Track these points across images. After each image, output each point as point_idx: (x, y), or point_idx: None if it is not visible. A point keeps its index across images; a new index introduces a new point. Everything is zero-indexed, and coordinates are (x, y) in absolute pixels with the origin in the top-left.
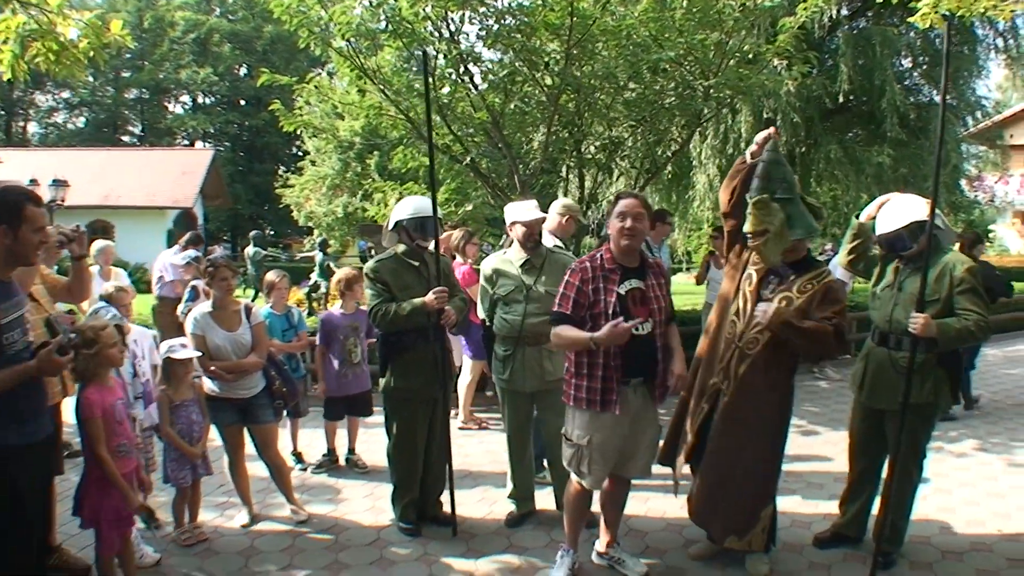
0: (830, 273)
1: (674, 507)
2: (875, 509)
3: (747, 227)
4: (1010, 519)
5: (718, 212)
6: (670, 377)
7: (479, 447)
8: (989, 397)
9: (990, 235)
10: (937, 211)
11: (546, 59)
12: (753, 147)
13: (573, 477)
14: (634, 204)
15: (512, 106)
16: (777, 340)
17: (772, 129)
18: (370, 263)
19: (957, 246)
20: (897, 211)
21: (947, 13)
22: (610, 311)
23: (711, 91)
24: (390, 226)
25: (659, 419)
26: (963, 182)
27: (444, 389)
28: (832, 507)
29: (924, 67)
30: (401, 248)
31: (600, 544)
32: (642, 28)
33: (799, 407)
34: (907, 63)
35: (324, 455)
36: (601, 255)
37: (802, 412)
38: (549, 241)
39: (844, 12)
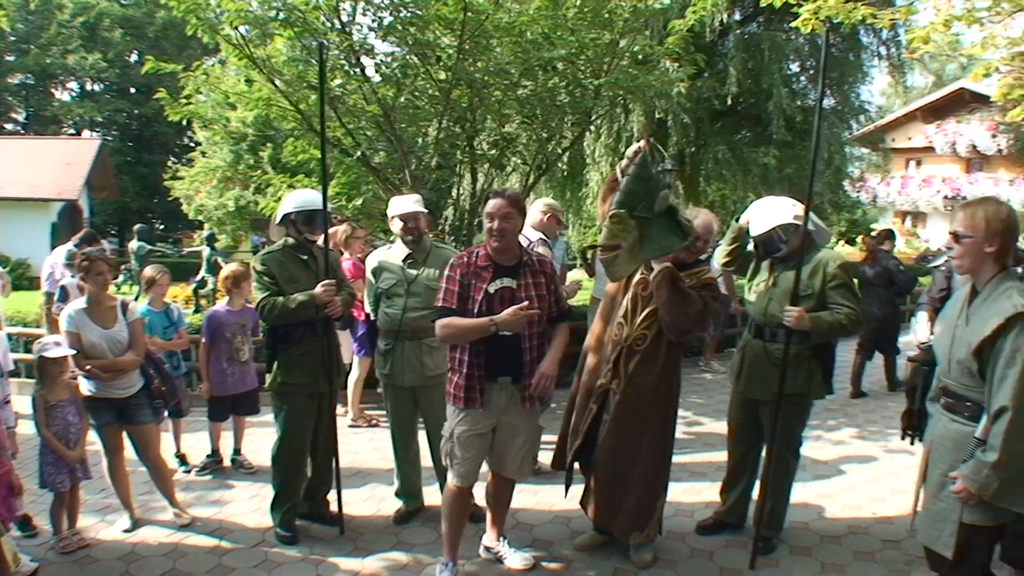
0: (710, 270)
1: (562, 499)
2: (755, 496)
3: (601, 239)
4: (885, 503)
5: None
6: (537, 377)
7: (368, 444)
8: (868, 386)
9: (872, 233)
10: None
11: (439, 53)
12: (624, 161)
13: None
14: (501, 204)
15: (403, 99)
16: (661, 334)
17: (643, 142)
18: (257, 256)
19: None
20: (768, 213)
21: (827, 19)
22: (475, 309)
23: (602, 90)
24: (278, 219)
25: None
26: (847, 183)
27: (331, 384)
28: (715, 495)
29: (811, 71)
30: (290, 241)
31: (487, 538)
32: (535, 25)
33: (685, 399)
34: (795, 67)
35: (208, 456)
36: (478, 252)
37: (688, 404)
38: (534, 236)
39: (736, 17)
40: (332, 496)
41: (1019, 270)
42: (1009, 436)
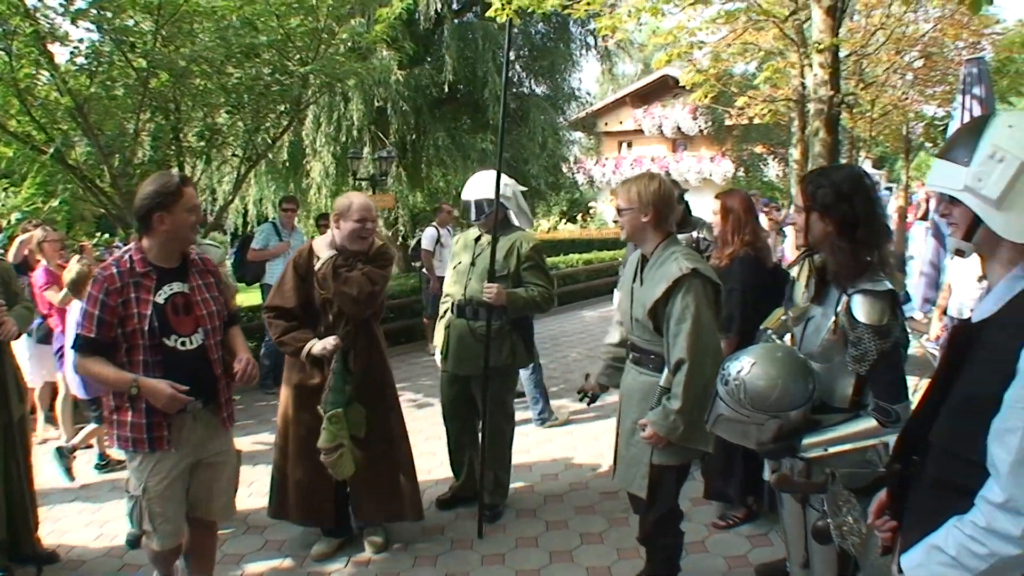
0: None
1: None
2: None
3: (321, 442)
4: (603, 458)
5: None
6: (237, 364)
7: (88, 465)
8: (587, 352)
9: (591, 211)
10: (517, 194)
11: (133, 40)
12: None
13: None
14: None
15: (95, 89)
16: (360, 322)
17: (335, 340)
18: None
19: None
20: (475, 185)
21: (519, 9)
22: (146, 327)
23: (311, 77)
24: None
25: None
26: (564, 165)
27: (8, 412)
28: (447, 472)
29: (525, 59)
30: None
31: None
32: (239, 11)
33: (416, 382)
34: (511, 55)
35: None
36: (131, 255)
37: (419, 386)
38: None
39: (455, 7)
40: (43, 530)
41: (697, 236)
42: (688, 384)
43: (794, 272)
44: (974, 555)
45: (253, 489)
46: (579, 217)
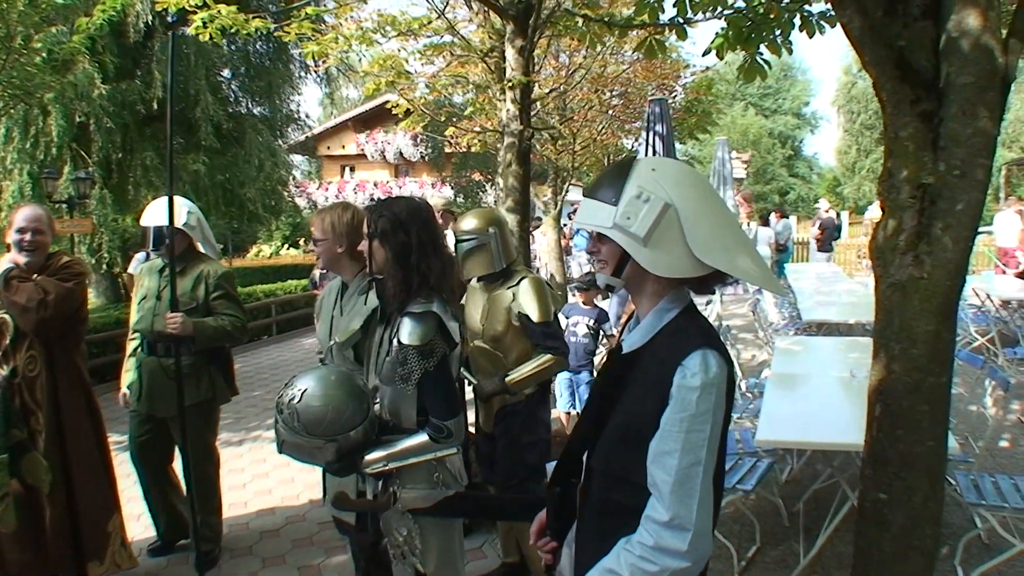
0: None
1: None
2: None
3: None
4: (319, 487)
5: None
6: None
7: None
8: None
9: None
10: (203, 222)
11: None
12: None
13: None
14: None
15: None
16: (50, 349)
17: None
18: None
19: None
20: (155, 210)
21: (223, 28)
22: None
23: None
24: None
25: None
26: (283, 189)
27: None
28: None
29: (242, 79)
30: None
31: None
32: None
33: (123, 421)
34: (226, 74)
35: None
36: None
37: (125, 428)
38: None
39: (170, 19)
40: None
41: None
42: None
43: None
44: (647, 573)
45: None
46: (301, 242)
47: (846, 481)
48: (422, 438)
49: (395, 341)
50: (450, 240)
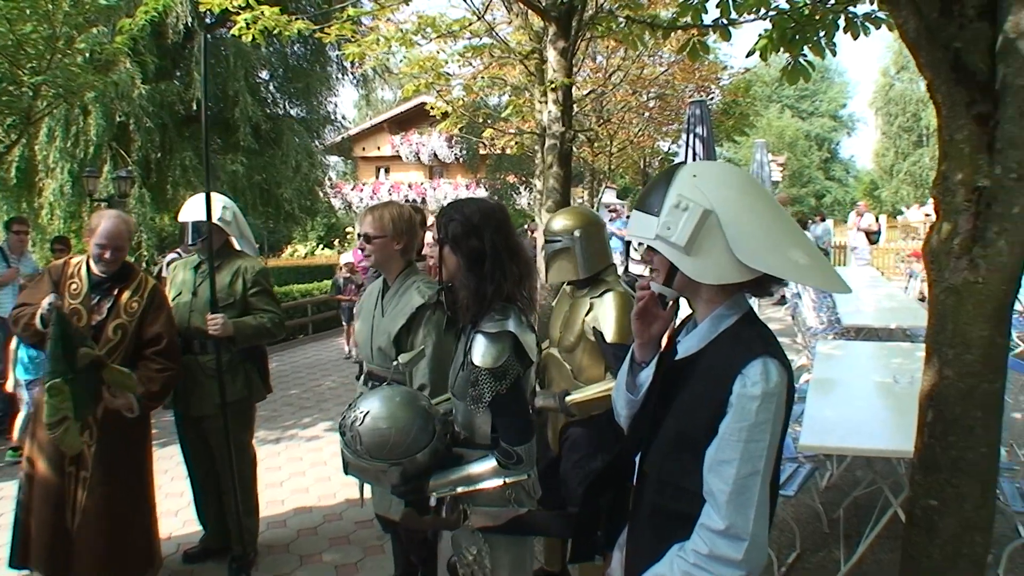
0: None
1: None
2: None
3: (45, 417)
4: (356, 486)
5: (73, 224)
6: None
7: None
8: (341, 381)
9: (348, 236)
10: (239, 218)
11: None
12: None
13: None
14: None
15: None
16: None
17: (53, 298)
18: None
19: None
20: (193, 206)
21: (265, 29)
22: None
23: (41, 88)
24: None
25: None
26: (319, 189)
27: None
28: (186, 523)
29: (280, 80)
30: None
31: None
32: None
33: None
34: (264, 75)
35: None
36: None
37: (161, 423)
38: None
39: (208, 21)
40: None
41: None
42: None
43: None
44: None
45: None
46: (336, 242)
47: (889, 487)
48: (490, 464)
49: (467, 357)
50: (539, 240)
